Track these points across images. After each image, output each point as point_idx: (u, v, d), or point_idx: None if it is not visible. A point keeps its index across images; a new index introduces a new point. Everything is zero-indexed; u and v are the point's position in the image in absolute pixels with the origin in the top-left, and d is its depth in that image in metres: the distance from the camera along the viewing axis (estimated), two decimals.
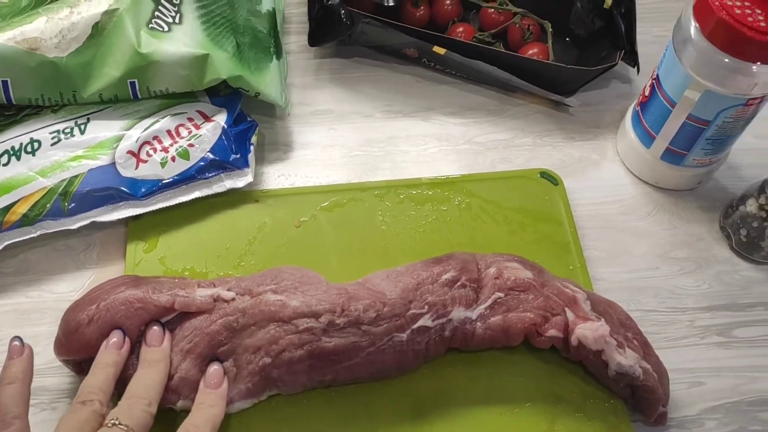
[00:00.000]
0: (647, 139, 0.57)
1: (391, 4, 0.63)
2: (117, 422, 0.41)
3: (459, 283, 0.49)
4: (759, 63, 0.46)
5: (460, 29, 0.66)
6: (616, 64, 0.61)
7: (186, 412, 0.45)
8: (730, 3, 0.45)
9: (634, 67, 0.64)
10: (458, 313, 0.48)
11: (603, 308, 0.50)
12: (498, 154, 0.63)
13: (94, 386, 0.44)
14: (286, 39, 0.69)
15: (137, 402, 0.43)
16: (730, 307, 0.55)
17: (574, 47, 0.67)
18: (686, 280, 0.56)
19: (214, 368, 0.47)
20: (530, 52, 0.64)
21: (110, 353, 0.46)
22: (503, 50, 0.64)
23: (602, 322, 0.48)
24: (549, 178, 0.60)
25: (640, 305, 0.55)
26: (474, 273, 0.49)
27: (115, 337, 0.46)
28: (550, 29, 0.65)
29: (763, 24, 0.45)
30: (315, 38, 0.64)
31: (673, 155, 0.57)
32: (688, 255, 0.58)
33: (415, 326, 0.48)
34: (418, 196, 0.59)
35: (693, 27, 0.48)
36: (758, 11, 0.45)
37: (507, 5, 0.66)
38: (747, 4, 0.45)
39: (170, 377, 0.46)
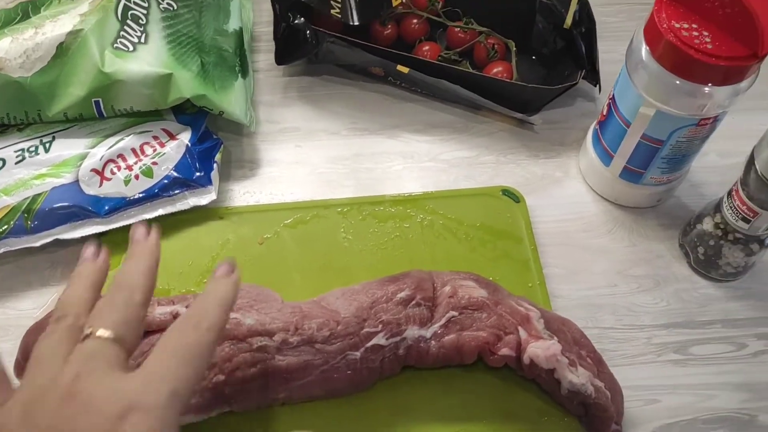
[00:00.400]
0: (606, 157, 0.58)
1: (356, 23, 0.64)
2: (90, 332, 0.35)
3: (414, 302, 0.49)
4: (709, 84, 0.47)
5: (426, 48, 0.67)
6: (576, 83, 0.62)
7: None
8: (677, 25, 0.46)
9: (595, 86, 0.65)
10: (412, 332, 0.49)
11: (557, 326, 0.50)
12: (462, 171, 0.63)
13: (66, 300, 0.37)
14: (255, 57, 0.70)
15: (117, 295, 0.36)
16: (687, 325, 0.56)
17: (540, 65, 0.68)
18: (644, 298, 0.57)
19: (225, 260, 0.40)
20: (495, 70, 0.65)
21: (84, 265, 0.39)
22: (467, 69, 0.65)
23: (554, 340, 0.48)
24: (511, 195, 0.61)
25: (597, 322, 0.56)
26: (429, 291, 0.50)
27: (88, 249, 0.39)
28: (514, 48, 0.66)
29: (710, 46, 0.45)
30: (281, 57, 0.65)
31: (630, 173, 0.57)
32: (647, 272, 0.58)
33: (369, 344, 0.48)
34: (380, 213, 0.60)
35: (643, 49, 0.49)
36: (705, 33, 0.46)
37: (472, 24, 0.67)
38: (694, 26, 0.46)
39: None
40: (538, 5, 0.64)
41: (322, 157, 0.64)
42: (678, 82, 0.48)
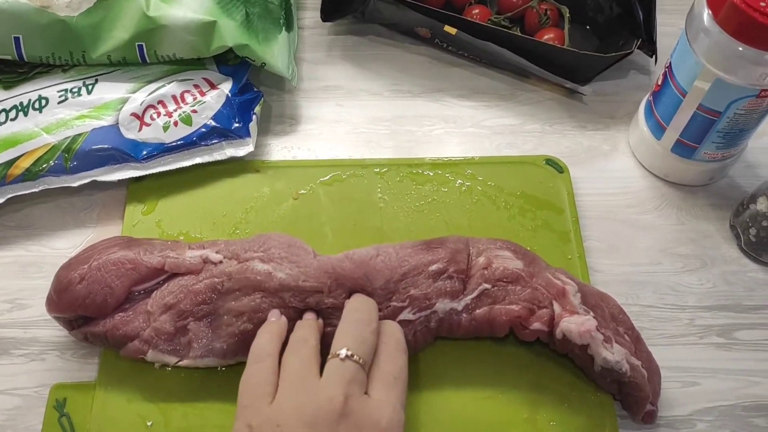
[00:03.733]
0: (658, 130, 0.56)
1: None
2: (349, 353, 0.41)
3: (446, 275, 0.48)
4: None
5: (476, 11, 0.65)
6: (631, 52, 0.59)
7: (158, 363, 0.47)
8: None
9: (651, 57, 0.62)
10: (443, 305, 0.47)
11: (595, 301, 0.48)
12: (505, 138, 0.61)
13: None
14: (301, 14, 0.69)
15: (361, 326, 0.43)
16: (733, 308, 0.53)
17: (594, 35, 0.65)
18: (689, 278, 0.54)
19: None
20: (546, 37, 0.63)
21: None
22: (516, 33, 0.63)
23: (590, 316, 0.46)
24: (554, 165, 0.59)
25: (638, 300, 0.53)
26: (463, 264, 0.48)
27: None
28: (568, 14, 0.63)
29: None
30: (327, 13, 0.64)
31: (683, 147, 0.55)
32: (693, 252, 0.56)
33: (397, 319, 0.47)
34: (419, 176, 0.58)
35: (705, 13, 0.46)
36: None
37: None
38: None
39: (145, 327, 0.46)
40: None
41: (363, 117, 0.63)
42: (741, 48, 0.45)
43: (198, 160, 0.57)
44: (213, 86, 0.58)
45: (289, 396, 0.41)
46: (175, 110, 0.57)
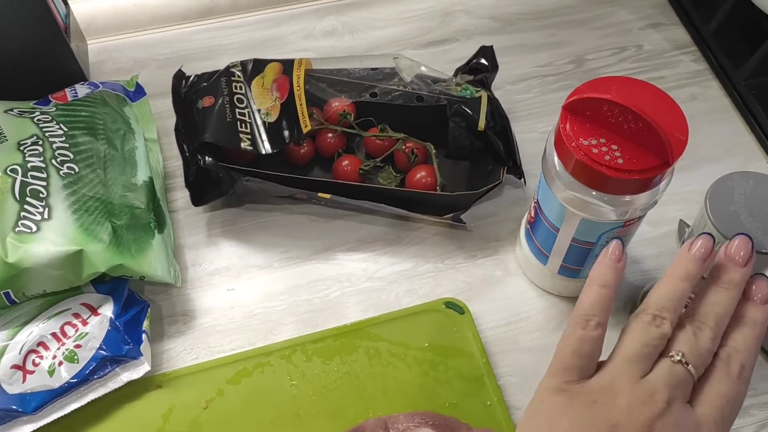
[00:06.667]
0: (542, 256, 0.57)
1: (268, 151, 0.62)
2: (682, 359, 0.39)
3: None
4: (627, 196, 0.47)
5: (346, 162, 0.65)
6: (500, 182, 0.61)
7: None
8: (586, 143, 0.46)
9: (520, 179, 0.64)
10: None
11: None
12: (401, 286, 0.62)
13: (667, 300, 0.41)
14: (171, 195, 0.67)
15: (704, 331, 0.40)
16: None
17: (464, 159, 0.67)
18: None
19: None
20: (418, 175, 0.64)
21: (694, 262, 0.41)
22: (389, 179, 0.64)
23: None
24: (454, 307, 0.59)
25: None
26: None
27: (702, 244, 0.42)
28: (434, 151, 0.65)
29: (621, 161, 0.45)
30: (197, 199, 0.63)
31: (568, 270, 0.57)
32: None
33: None
34: (324, 349, 0.58)
35: (557, 163, 0.48)
36: (614, 147, 0.45)
37: (387, 132, 0.66)
38: (602, 141, 0.46)
39: None
40: (449, 111, 0.63)
41: (257, 295, 0.62)
42: (595, 194, 0.47)
43: (93, 396, 0.54)
44: (94, 311, 0.56)
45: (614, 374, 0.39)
46: (59, 349, 0.54)
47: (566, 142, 0.46)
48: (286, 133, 0.63)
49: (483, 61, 0.68)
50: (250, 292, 0.62)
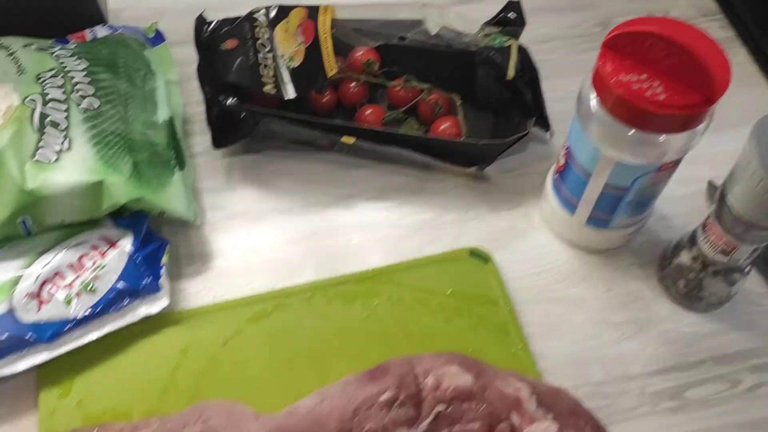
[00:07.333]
0: (570, 206, 0.56)
1: (292, 96, 0.61)
2: None
3: (398, 402, 0.46)
4: (666, 134, 0.46)
5: (369, 111, 0.64)
6: (527, 133, 0.60)
7: None
8: (626, 78, 0.45)
9: (546, 133, 0.63)
10: None
11: (550, 400, 0.47)
12: (424, 235, 0.61)
13: None
14: (191, 140, 0.66)
15: None
16: (679, 367, 0.54)
17: (489, 113, 0.66)
18: (630, 345, 0.55)
19: None
20: (442, 126, 0.63)
21: None
22: (413, 130, 0.63)
23: (549, 420, 0.45)
24: (479, 256, 0.58)
25: (587, 378, 0.53)
26: (412, 388, 0.46)
27: None
28: (459, 102, 0.64)
29: (662, 97, 0.44)
30: (219, 141, 0.62)
31: (598, 220, 0.56)
32: (627, 318, 0.56)
33: None
34: (346, 293, 0.56)
35: (594, 102, 0.47)
36: (655, 83, 0.44)
37: (412, 82, 0.64)
38: (643, 77, 0.45)
39: None
40: (477, 59, 0.62)
41: (277, 239, 0.60)
42: (633, 132, 0.46)
43: (110, 328, 0.53)
44: (112, 244, 0.54)
45: None
46: (75, 279, 0.53)
47: (606, 79, 0.45)
48: (310, 77, 0.62)
49: (510, 15, 0.67)
50: (270, 236, 0.61)
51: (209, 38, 0.66)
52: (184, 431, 0.45)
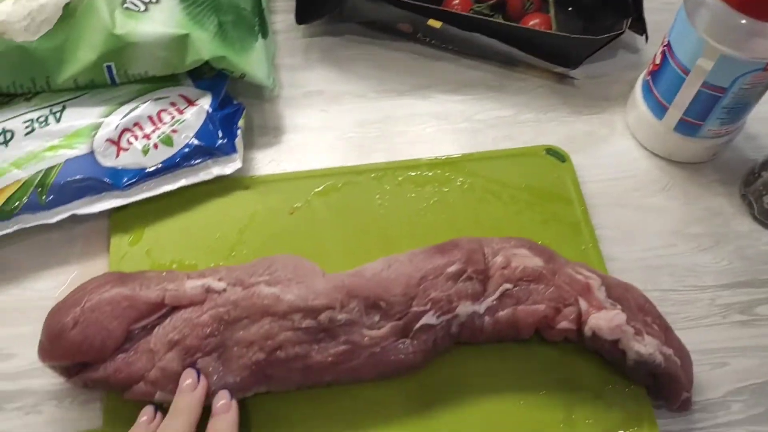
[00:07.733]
0: (659, 110, 0.54)
1: None
2: None
3: (465, 276, 0.45)
4: None
5: (456, 1, 0.62)
6: (623, 32, 0.58)
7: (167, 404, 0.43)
8: None
9: (642, 35, 0.60)
10: (465, 308, 0.45)
11: (619, 293, 0.46)
12: (500, 131, 0.59)
13: None
14: (273, 17, 0.65)
15: None
16: (751, 284, 0.52)
17: (578, 17, 0.63)
18: (705, 257, 0.53)
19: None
20: (531, 23, 0.61)
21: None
22: (503, 21, 0.61)
23: (618, 310, 0.44)
24: (555, 154, 0.57)
25: (657, 285, 0.52)
26: (480, 264, 0.46)
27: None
28: None
29: None
30: (302, 16, 0.61)
31: (687, 126, 0.53)
32: (705, 230, 0.54)
33: (418, 325, 0.44)
34: (417, 177, 0.56)
35: None
36: None
37: None
38: None
39: (150, 368, 0.43)
40: None
41: (350, 121, 0.60)
42: (744, 21, 0.44)
43: (183, 183, 0.53)
44: (191, 102, 0.55)
45: None
46: (153, 131, 0.53)
47: None
48: None
49: None
50: (344, 117, 0.60)
51: None
52: (250, 279, 0.45)
